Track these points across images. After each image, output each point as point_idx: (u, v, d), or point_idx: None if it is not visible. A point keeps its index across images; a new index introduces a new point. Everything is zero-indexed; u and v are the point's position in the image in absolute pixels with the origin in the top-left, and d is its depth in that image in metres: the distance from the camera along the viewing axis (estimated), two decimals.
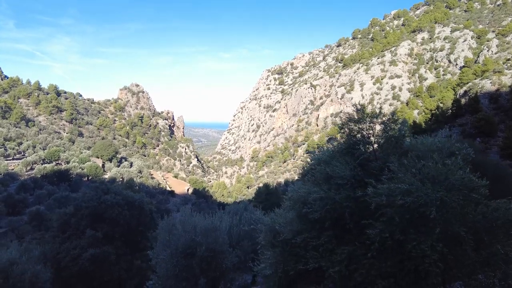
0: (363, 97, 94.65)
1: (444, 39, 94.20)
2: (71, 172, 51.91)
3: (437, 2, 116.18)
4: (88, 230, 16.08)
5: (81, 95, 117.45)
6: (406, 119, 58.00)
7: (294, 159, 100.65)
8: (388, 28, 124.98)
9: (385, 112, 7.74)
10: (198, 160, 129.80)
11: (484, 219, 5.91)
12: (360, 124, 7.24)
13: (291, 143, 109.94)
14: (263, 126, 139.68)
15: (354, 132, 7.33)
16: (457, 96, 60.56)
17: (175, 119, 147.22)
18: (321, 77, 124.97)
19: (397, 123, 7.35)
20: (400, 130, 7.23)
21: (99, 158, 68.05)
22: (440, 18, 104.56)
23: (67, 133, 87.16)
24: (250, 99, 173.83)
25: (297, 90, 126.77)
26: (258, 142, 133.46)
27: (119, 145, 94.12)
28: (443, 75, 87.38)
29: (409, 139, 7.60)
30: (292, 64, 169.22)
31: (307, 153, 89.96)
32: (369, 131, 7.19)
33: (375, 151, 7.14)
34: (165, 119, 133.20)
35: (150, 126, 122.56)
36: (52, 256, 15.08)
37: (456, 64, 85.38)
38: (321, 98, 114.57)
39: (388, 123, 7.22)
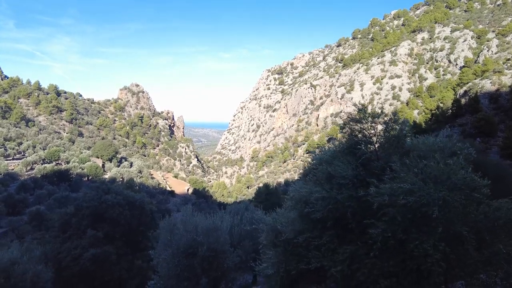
0: (363, 97, 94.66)
1: (444, 39, 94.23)
2: (71, 172, 51.92)
3: (437, 2, 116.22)
4: (89, 230, 16.09)
5: (81, 95, 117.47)
6: (407, 119, 57.96)
7: (294, 159, 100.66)
8: (388, 28, 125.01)
9: (386, 112, 7.74)
10: (198, 160, 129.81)
11: (486, 218, 5.93)
12: (362, 124, 7.24)
13: (291, 143, 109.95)
14: (263, 126, 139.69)
15: (356, 132, 7.34)
16: (457, 96, 60.59)
17: (175, 119, 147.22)
18: (321, 77, 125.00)
19: (398, 123, 7.36)
20: (402, 130, 7.24)
21: (99, 158, 68.06)
22: (440, 18, 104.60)
23: (67, 133, 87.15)
24: (250, 99, 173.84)
25: (297, 90, 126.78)
26: (258, 142, 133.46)
27: (119, 145, 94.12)
28: (443, 75, 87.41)
29: (410, 139, 7.61)
30: (292, 64, 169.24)
31: (309, 153, 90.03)
32: (371, 131, 7.19)
33: (377, 151, 7.15)
34: (165, 119, 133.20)
35: (150, 126, 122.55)
36: (53, 256, 15.09)
37: (456, 64, 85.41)
38: (321, 98, 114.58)
39: (390, 123, 7.22)
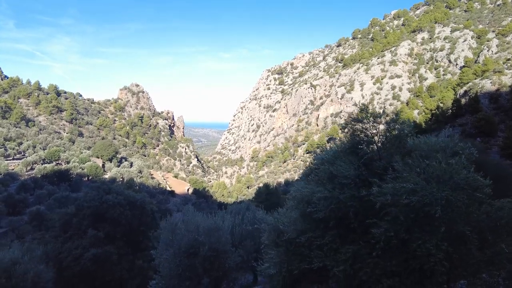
0: (363, 97, 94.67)
1: (444, 39, 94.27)
2: (71, 172, 51.91)
3: (437, 2, 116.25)
4: (90, 230, 16.10)
5: (81, 95, 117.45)
6: (409, 119, 58.01)
7: (294, 159, 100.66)
8: (388, 28, 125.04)
9: (388, 112, 7.75)
10: (198, 160, 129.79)
11: (488, 218, 5.93)
12: (364, 124, 7.25)
13: (291, 143, 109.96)
14: (263, 126, 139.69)
15: (358, 132, 7.34)
16: (457, 96, 60.60)
17: (175, 119, 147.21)
18: (321, 77, 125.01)
19: (400, 123, 7.36)
20: (404, 129, 7.24)
21: (99, 158, 68.05)
22: (440, 18, 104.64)
23: (67, 133, 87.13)
24: (250, 99, 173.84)
25: (297, 90, 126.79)
26: (258, 142, 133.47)
27: (119, 145, 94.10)
28: (443, 75, 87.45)
29: (412, 139, 7.61)
30: (292, 64, 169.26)
31: (309, 153, 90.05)
32: (373, 130, 7.20)
33: (379, 150, 7.15)
34: (165, 119, 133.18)
35: (150, 126, 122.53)
36: (54, 256, 15.09)
37: (456, 64, 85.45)
38: (321, 98, 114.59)
39: (392, 123, 7.23)
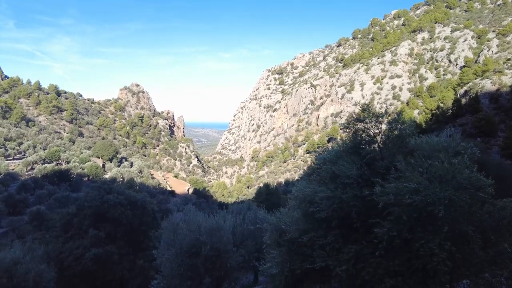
0: (363, 97, 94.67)
1: (444, 39, 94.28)
2: (72, 172, 51.93)
3: (437, 2, 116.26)
4: (90, 230, 16.10)
5: (81, 95, 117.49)
6: (411, 118, 58.03)
7: (294, 159, 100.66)
8: (388, 28, 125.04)
9: (390, 112, 7.75)
10: (198, 160, 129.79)
11: (490, 218, 5.94)
12: (366, 124, 7.24)
13: (291, 143, 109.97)
14: (263, 126, 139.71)
15: (360, 132, 7.34)
16: (458, 96, 60.61)
17: (175, 119, 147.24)
18: (321, 77, 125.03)
19: (402, 123, 7.36)
20: (406, 129, 7.24)
21: (99, 158, 68.07)
22: (440, 18, 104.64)
23: (68, 133, 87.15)
24: (250, 99, 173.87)
25: (297, 90, 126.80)
26: (258, 142, 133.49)
27: (119, 145, 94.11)
28: (444, 75, 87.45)
29: (414, 139, 7.61)
30: (292, 64, 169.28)
31: (309, 153, 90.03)
32: (375, 130, 7.19)
33: (381, 150, 7.15)
34: (165, 119, 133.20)
35: (150, 126, 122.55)
36: (55, 256, 15.09)
37: (457, 64, 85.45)
38: (321, 98, 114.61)
39: (394, 123, 7.23)
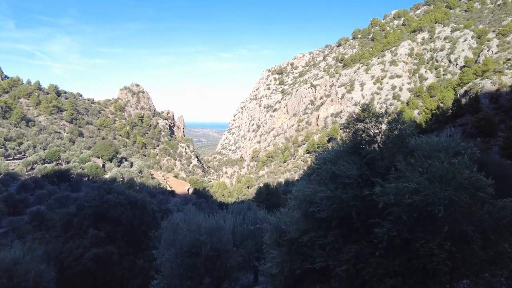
0: (363, 97, 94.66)
1: (445, 39, 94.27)
2: (72, 172, 51.94)
3: (437, 2, 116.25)
4: (90, 230, 16.10)
5: (81, 95, 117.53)
6: (411, 118, 58.06)
7: (294, 159, 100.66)
8: (388, 28, 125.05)
9: (390, 112, 7.75)
10: (198, 160, 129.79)
11: (490, 218, 5.94)
12: (366, 124, 7.24)
13: (291, 143, 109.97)
14: (263, 126, 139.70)
15: (360, 132, 7.34)
16: (458, 96, 60.61)
17: (175, 119, 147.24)
18: (321, 77, 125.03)
19: (402, 123, 7.36)
20: (406, 129, 7.24)
21: (99, 158, 68.08)
22: (440, 18, 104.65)
23: (68, 133, 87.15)
24: (250, 99, 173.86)
25: (297, 90, 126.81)
26: (258, 142, 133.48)
27: (119, 145, 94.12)
28: (444, 75, 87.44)
29: (414, 139, 7.61)
30: (292, 64, 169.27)
31: (309, 153, 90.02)
32: (375, 130, 7.19)
33: (381, 150, 7.15)
34: (165, 119, 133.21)
35: (150, 126, 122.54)
36: (55, 256, 15.10)
37: (457, 64, 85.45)
38: (321, 98, 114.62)
39: (394, 123, 7.23)
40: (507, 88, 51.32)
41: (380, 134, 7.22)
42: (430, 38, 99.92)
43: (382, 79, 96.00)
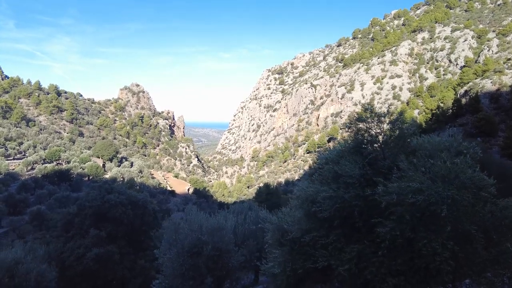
0: (363, 97, 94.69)
1: (445, 39, 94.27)
2: (72, 172, 51.96)
3: (437, 2, 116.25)
4: (92, 230, 16.11)
5: (81, 95, 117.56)
6: (412, 118, 58.07)
7: (294, 159, 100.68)
8: (388, 28, 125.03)
9: (392, 111, 7.74)
10: (198, 160, 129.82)
11: (493, 217, 5.94)
12: (368, 123, 7.24)
13: (291, 143, 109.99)
14: (264, 126, 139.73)
15: (362, 131, 7.34)
16: (458, 96, 60.60)
17: (176, 119, 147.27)
18: (322, 77, 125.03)
19: (404, 122, 7.36)
20: (408, 129, 7.25)
21: (99, 158, 68.10)
22: (441, 18, 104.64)
23: (68, 133, 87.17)
24: (251, 99, 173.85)
25: (297, 90, 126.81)
26: (259, 142, 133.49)
27: (119, 145, 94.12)
28: (444, 75, 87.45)
29: (416, 138, 7.61)
30: (292, 64, 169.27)
31: (311, 153, 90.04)
32: (377, 130, 7.20)
33: (383, 150, 7.15)
34: (165, 119, 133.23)
35: (151, 126, 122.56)
36: (56, 256, 15.11)
37: (457, 63, 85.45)
38: (321, 98, 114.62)
39: (396, 122, 7.23)
40: (507, 88, 51.33)
41: (382, 134, 7.22)
42: (430, 38, 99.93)
43: (382, 79, 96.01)
